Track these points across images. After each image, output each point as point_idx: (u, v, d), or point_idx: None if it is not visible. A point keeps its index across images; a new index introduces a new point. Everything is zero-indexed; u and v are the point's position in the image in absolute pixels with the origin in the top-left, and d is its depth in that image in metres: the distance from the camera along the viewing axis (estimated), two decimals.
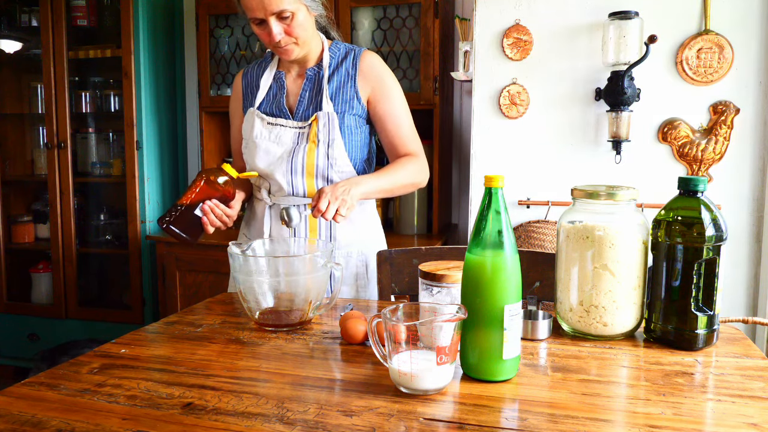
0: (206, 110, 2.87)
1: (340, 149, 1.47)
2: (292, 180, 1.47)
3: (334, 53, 1.53)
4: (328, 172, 1.47)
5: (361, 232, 1.55)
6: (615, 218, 1.04)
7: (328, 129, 1.46)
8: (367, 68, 1.51)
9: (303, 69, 1.53)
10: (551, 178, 2.26)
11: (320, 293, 1.15)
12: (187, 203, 1.33)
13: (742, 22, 2.06)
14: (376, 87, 1.50)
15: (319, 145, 1.46)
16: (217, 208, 1.36)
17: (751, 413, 0.78)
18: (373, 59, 1.52)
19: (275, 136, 1.49)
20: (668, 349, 1.01)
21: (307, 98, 1.50)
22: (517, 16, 2.23)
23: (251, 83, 1.58)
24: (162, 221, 1.32)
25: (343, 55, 1.53)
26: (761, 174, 2.11)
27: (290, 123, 1.49)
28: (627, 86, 2.07)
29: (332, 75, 1.50)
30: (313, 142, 1.46)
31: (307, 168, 1.46)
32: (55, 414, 0.79)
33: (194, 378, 0.90)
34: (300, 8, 1.38)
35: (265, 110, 1.53)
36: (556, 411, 0.78)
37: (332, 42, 1.56)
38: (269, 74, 1.56)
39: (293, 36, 1.40)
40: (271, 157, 1.48)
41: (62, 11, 2.84)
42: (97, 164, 3.07)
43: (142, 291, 2.90)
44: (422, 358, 0.83)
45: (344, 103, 1.48)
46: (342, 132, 1.47)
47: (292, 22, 1.37)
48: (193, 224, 1.34)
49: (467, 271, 0.90)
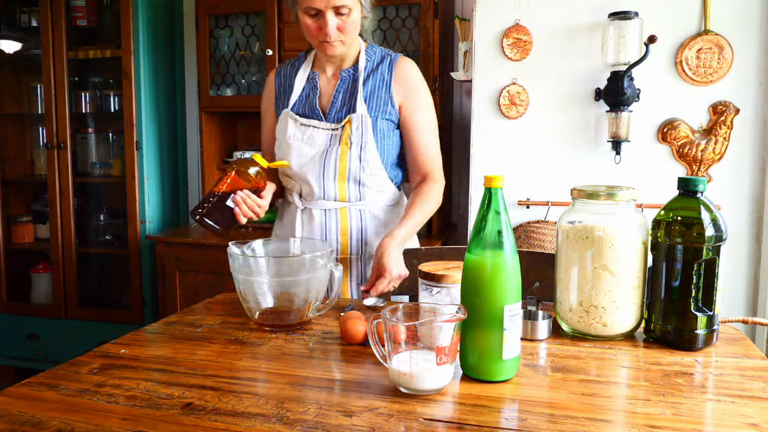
0: (206, 110, 2.87)
1: (373, 152, 1.45)
2: (324, 183, 1.47)
3: (370, 56, 1.51)
4: (360, 175, 1.46)
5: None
6: (615, 218, 1.04)
7: (361, 132, 1.44)
8: (402, 75, 1.49)
9: (338, 70, 1.51)
10: (551, 178, 2.26)
11: (320, 293, 1.15)
12: (218, 194, 1.33)
13: (742, 23, 2.06)
14: (409, 96, 1.49)
15: (351, 148, 1.44)
16: (249, 198, 1.35)
17: (750, 413, 0.78)
18: (409, 66, 1.51)
19: (308, 137, 1.48)
20: (668, 350, 1.01)
21: (340, 100, 1.49)
22: (517, 16, 2.23)
23: (284, 83, 1.57)
24: (195, 213, 1.32)
25: (379, 59, 1.51)
26: (761, 174, 2.11)
27: (323, 125, 1.48)
28: (627, 86, 2.07)
29: (367, 78, 1.49)
30: (346, 144, 1.44)
31: (339, 171, 1.45)
32: (55, 414, 0.79)
33: (194, 378, 0.90)
34: (357, 6, 1.39)
35: (298, 111, 1.52)
36: (555, 411, 0.79)
37: (368, 44, 1.54)
38: (303, 74, 1.54)
39: (344, 33, 1.40)
40: (303, 158, 1.47)
41: (62, 11, 2.83)
42: (97, 164, 3.07)
43: (142, 291, 2.90)
44: (422, 359, 0.83)
45: (378, 107, 1.47)
46: (375, 135, 1.46)
47: (347, 18, 1.38)
48: (226, 215, 1.34)
49: (467, 272, 0.90)
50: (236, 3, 2.75)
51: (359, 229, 1.50)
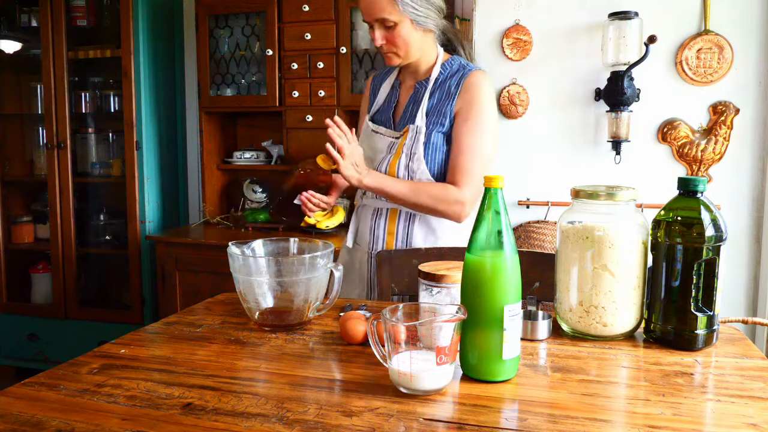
0: (206, 110, 2.87)
1: (420, 162, 1.48)
2: None
3: (445, 68, 1.52)
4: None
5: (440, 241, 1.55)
6: (615, 218, 1.04)
7: (413, 142, 1.48)
8: (467, 86, 1.47)
9: (414, 81, 1.56)
10: (551, 178, 2.26)
11: (320, 293, 1.15)
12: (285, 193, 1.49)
13: (742, 23, 2.07)
14: (465, 106, 1.47)
15: (401, 157, 1.49)
16: (314, 198, 1.47)
17: (750, 413, 0.78)
18: (478, 79, 1.48)
19: (374, 142, 1.57)
20: (668, 350, 1.01)
21: (409, 110, 1.54)
22: (516, 16, 2.23)
23: (375, 88, 1.66)
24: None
25: (453, 71, 1.51)
26: (761, 174, 2.11)
27: (388, 132, 1.55)
28: (627, 86, 2.07)
29: (435, 90, 1.50)
30: (399, 153, 1.50)
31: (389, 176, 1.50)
32: (55, 414, 0.79)
33: (194, 378, 0.90)
34: (404, 20, 1.41)
35: (374, 117, 1.60)
36: (555, 411, 0.79)
37: (450, 56, 1.54)
38: (389, 83, 1.61)
39: (394, 45, 1.45)
40: (367, 162, 1.52)
41: (62, 11, 2.83)
42: (97, 164, 3.07)
43: (142, 291, 2.90)
44: (422, 359, 0.83)
45: (437, 120, 1.48)
46: (426, 147, 1.48)
47: (394, 31, 1.42)
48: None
49: (467, 272, 0.90)
50: (236, 3, 2.75)
51: (405, 232, 1.54)
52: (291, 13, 2.65)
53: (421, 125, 1.48)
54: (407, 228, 1.54)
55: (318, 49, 2.63)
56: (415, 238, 1.53)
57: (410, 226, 1.54)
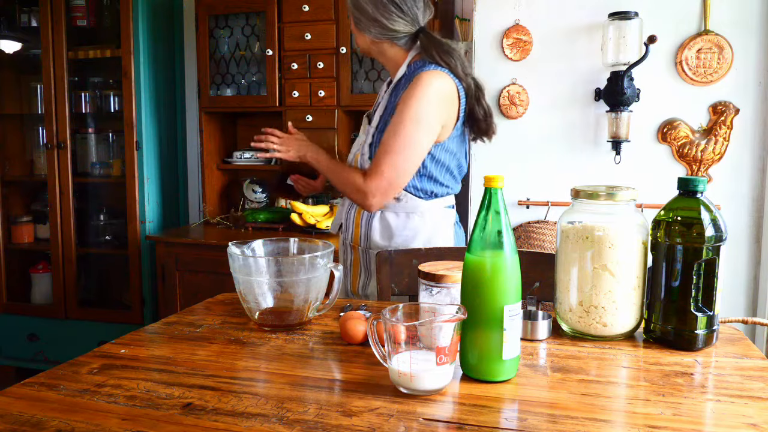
0: (206, 110, 2.87)
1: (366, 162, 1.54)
2: None
3: (410, 69, 1.54)
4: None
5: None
6: (615, 218, 1.04)
7: (362, 143, 1.61)
8: (413, 83, 1.47)
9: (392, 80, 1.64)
10: (551, 178, 2.26)
11: (320, 293, 1.15)
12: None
13: (742, 23, 2.07)
14: (399, 101, 1.48)
15: (359, 156, 1.59)
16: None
17: (750, 413, 0.78)
18: (424, 76, 1.46)
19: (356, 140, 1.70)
20: (668, 350, 1.01)
21: (376, 110, 1.63)
22: (516, 16, 2.23)
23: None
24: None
25: (413, 71, 1.52)
26: (761, 174, 2.11)
27: (364, 130, 1.65)
28: (627, 86, 2.07)
29: (396, 89, 1.56)
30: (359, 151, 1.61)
31: None
32: (55, 414, 0.79)
33: (194, 378, 0.90)
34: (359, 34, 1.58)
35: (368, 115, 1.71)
36: (555, 411, 0.79)
37: (419, 58, 1.53)
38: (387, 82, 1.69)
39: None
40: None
41: (62, 11, 2.83)
42: (97, 164, 3.07)
43: (142, 291, 2.90)
44: (422, 359, 0.83)
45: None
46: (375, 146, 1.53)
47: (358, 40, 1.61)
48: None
49: (467, 272, 0.90)
50: (236, 3, 2.75)
51: (368, 225, 1.60)
52: (291, 13, 2.65)
53: (373, 125, 1.58)
54: (370, 221, 1.60)
55: (318, 49, 2.63)
56: (374, 231, 1.59)
57: (371, 220, 1.60)
